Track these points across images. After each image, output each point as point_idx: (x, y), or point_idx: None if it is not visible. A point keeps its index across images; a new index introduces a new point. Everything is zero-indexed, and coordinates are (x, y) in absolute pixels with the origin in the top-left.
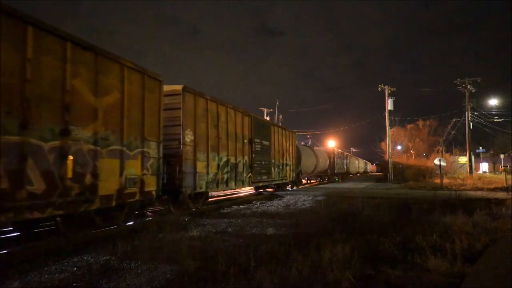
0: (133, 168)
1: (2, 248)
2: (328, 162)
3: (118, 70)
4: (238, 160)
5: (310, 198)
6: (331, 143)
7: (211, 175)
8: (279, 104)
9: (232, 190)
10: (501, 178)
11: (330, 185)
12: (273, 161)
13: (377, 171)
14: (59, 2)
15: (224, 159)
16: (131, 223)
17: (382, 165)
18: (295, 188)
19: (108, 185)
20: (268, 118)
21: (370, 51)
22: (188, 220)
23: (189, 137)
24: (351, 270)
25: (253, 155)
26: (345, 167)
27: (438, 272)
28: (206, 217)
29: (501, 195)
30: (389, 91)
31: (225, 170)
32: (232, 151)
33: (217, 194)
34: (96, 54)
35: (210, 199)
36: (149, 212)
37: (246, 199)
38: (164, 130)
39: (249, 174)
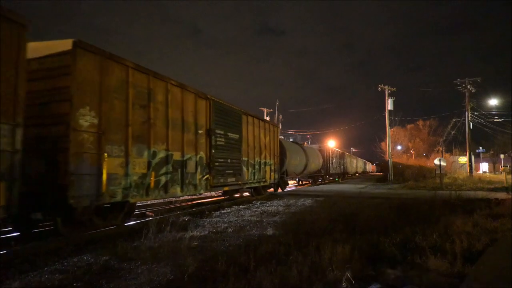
0: None
1: (2, 248)
2: (321, 161)
3: None
4: (187, 156)
5: (310, 198)
6: (331, 143)
7: (134, 177)
8: (279, 104)
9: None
10: (501, 178)
11: (327, 186)
12: (245, 159)
13: (377, 171)
14: (60, 2)
15: (161, 154)
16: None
17: (382, 165)
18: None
19: None
20: (268, 118)
21: (371, 51)
22: (188, 220)
23: (87, 119)
24: (351, 270)
25: (213, 151)
26: (342, 167)
27: (438, 272)
28: (206, 217)
29: (501, 195)
30: (389, 91)
31: (163, 170)
32: (177, 145)
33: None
34: None
35: (209, 199)
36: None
37: (246, 199)
38: (40, 109)
39: (206, 176)
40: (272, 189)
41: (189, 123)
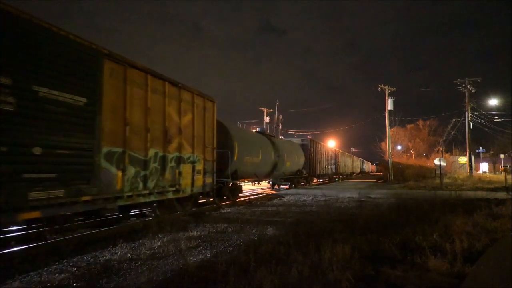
0: None
1: (2, 248)
2: (303, 160)
3: None
4: None
5: (310, 198)
6: (331, 143)
7: None
8: (279, 104)
9: None
10: (501, 178)
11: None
12: (114, 149)
13: (377, 171)
14: (60, 1)
15: None
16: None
17: (382, 165)
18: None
19: None
20: (268, 118)
21: (372, 51)
22: (188, 220)
23: None
24: (351, 270)
25: None
26: (333, 166)
27: (438, 272)
28: (206, 217)
29: (501, 195)
30: (389, 91)
31: None
32: None
33: None
34: None
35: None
36: None
37: (246, 200)
38: None
39: None
40: (209, 197)
41: None
